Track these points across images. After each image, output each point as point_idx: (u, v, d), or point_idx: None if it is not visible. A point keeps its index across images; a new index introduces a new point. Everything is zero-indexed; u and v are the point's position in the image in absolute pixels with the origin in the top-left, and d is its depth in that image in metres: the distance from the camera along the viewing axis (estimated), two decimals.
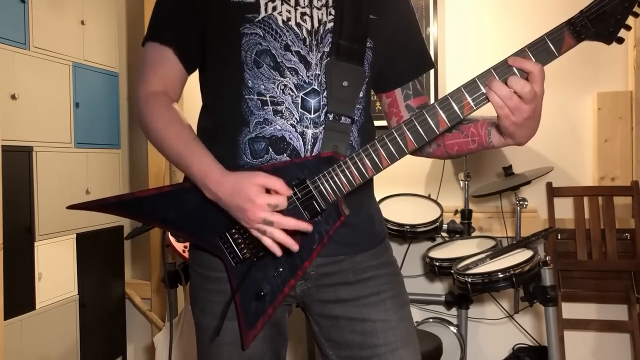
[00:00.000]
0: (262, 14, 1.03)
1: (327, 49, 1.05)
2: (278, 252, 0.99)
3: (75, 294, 2.49)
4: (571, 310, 2.43)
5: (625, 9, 0.89)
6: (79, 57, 2.54)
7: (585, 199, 2.45)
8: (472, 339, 2.55)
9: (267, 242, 0.98)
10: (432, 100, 2.56)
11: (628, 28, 0.92)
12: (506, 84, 0.92)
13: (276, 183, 0.98)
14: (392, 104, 1.20)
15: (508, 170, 2.37)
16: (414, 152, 1.17)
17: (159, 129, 1.06)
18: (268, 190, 0.98)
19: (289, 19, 1.04)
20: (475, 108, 0.96)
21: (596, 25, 0.91)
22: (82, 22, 2.55)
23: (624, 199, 2.42)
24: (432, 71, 2.52)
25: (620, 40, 0.92)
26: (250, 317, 1.05)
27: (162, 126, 1.06)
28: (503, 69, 0.94)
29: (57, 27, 2.40)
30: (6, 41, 2.14)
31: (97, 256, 2.65)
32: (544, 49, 0.92)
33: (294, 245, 0.98)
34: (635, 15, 0.91)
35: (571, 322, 2.41)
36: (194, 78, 1.19)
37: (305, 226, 0.98)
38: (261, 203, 0.96)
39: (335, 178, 1.00)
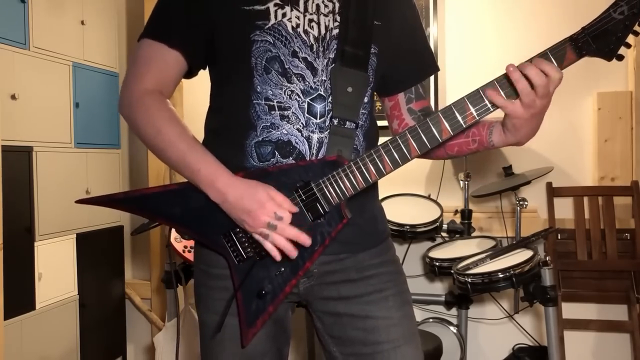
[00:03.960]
0: (272, 20, 1.05)
1: (332, 55, 1.07)
2: (278, 256, 1.01)
3: (75, 294, 2.49)
4: (571, 310, 2.43)
5: (626, 28, 0.93)
6: (79, 57, 2.54)
7: (585, 199, 2.45)
8: (472, 339, 2.55)
9: (268, 246, 1.01)
10: (432, 101, 2.57)
11: (628, 46, 0.94)
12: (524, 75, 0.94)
13: (283, 198, 1.01)
14: (395, 107, 1.22)
15: (508, 170, 2.37)
16: None
17: (159, 128, 1.05)
18: None
19: (298, 25, 1.05)
20: (477, 119, 0.99)
21: (597, 42, 0.94)
22: (82, 22, 2.55)
23: (624, 199, 2.42)
24: None
25: (620, 58, 0.95)
26: (251, 315, 1.06)
27: (163, 126, 1.05)
28: (505, 81, 0.96)
29: (57, 27, 2.40)
30: (6, 41, 2.14)
31: (97, 256, 2.65)
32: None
33: (292, 252, 1.01)
34: (636, 34, 0.94)
35: (571, 322, 2.41)
36: (195, 79, 1.19)
37: (304, 239, 1.01)
38: (269, 208, 0.99)
39: (340, 182, 1.02)
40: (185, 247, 2.22)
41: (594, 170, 2.49)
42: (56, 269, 2.39)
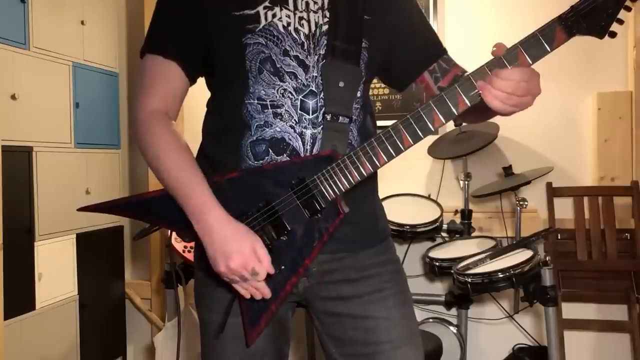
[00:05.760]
0: (263, 22, 1.05)
1: (323, 51, 1.07)
2: (247, 296, 1.03)
3: (75, 294, 2.49)
4: (571, 310, 2.43)
5: (617, 3, 0.90)
6: (79, 57, 2.54)
7: (585, 199, 2.45)
8: (472, 339, 2.55)
9: (237, 287, 1.03)
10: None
11: (621, 22, 0.92)
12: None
13: (265, 256, 1.01)
14: (427, 88, 1.22)
15: (508, 170, 2.37)
16: None
17: (157, 154, 1.06)
18: None
19: (288, 24, 1.06)
20: (469, 104, 0.98)
21: (587, 20, 0.91)
22: (82, 22, 2.55)
23: (624, 199, 2.42)
24: None
25: (613, 34, 0.93)
26: (254, 314, 1.06)
27: (161, 152, 1.06)
28: (496, 64, 0.97)
29: (57, 27, 2.40)
30: (6, 41, 2.14)
31: (97, 256, 2.65)
32: (536, 44, 0.94)
33: (258, 296, 1.03)
34: (628, 9, 0.91)
35: (571, 322, 2.41)
36: (195, 84, 1.19)
37: (266, 293, 1.02)
38: (249, 262, 0.99)
39: (334, 176, 1.01)
40: (185, 247, 2.22)
41: (593, 170, 2.49)
42: (56, 269, 2.39)
